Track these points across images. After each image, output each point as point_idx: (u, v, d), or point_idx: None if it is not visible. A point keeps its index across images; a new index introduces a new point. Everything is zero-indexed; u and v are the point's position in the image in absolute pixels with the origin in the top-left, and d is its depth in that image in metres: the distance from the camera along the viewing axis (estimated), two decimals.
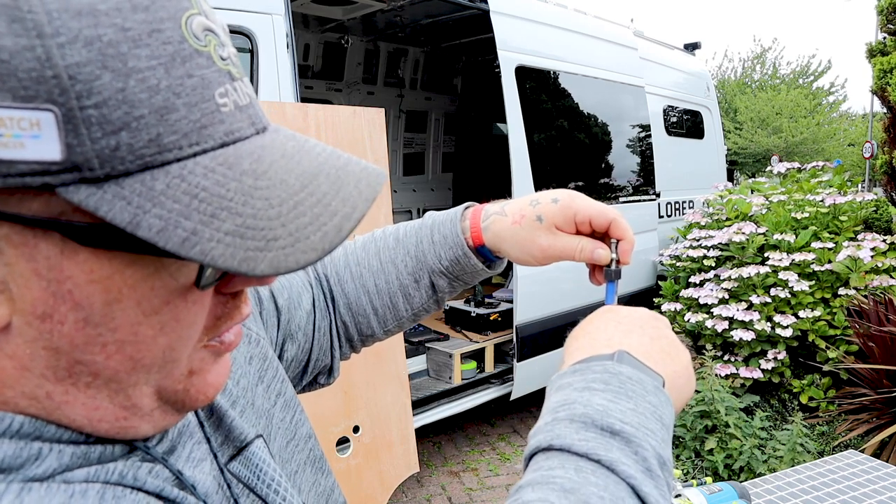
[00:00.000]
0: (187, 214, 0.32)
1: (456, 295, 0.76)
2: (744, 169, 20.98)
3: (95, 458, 0.39)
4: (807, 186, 4.34)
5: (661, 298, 4.28)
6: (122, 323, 0.35)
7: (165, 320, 0.37)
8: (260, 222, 0.33)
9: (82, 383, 0.37)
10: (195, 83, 0.33)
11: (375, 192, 0.39)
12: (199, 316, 0.39)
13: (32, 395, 0.36)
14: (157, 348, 0.37)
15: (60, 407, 0.37)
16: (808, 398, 3.57)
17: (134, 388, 0.38)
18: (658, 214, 4.93)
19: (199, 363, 0.41)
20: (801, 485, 1.47)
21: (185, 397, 0.41)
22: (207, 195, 0.33)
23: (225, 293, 0.41)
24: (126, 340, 0.36)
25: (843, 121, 23.77)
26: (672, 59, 5.84)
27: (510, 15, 3.74)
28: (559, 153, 4.07)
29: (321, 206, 0.36)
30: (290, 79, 2.64)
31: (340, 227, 0.36)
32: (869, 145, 13.32)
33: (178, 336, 0.38)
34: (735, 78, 23.83)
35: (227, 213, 0.33)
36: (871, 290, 3.51)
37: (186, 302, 0.37)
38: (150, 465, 0.42)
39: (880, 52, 6.11)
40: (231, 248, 0.32)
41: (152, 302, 0.36)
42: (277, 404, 0.59)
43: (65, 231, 0.32)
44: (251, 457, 0.51)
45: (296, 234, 0.34)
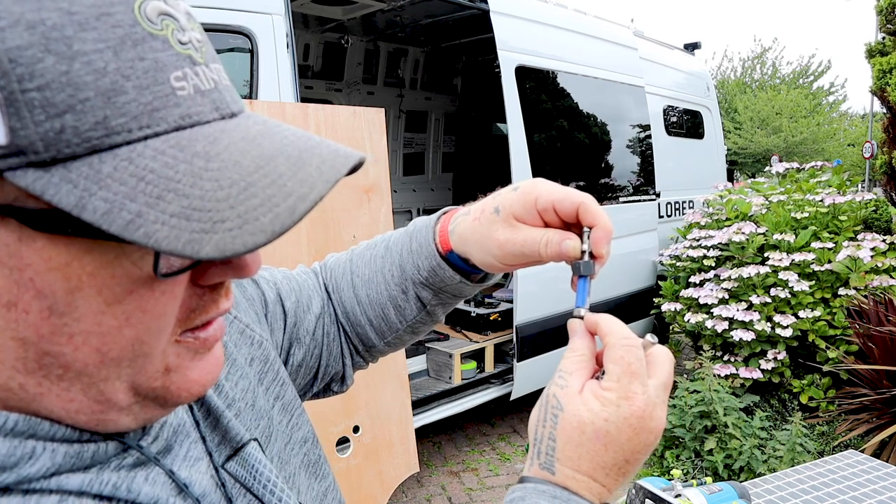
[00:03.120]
0: (133, 197, 0.31)
1: (450, 310, 0.70)
2: (744, 169, 20.98)
3: (89, 458, 0.39)
4: (806, 186, 4.34)
5: (661, 298, 4.28)
6: (86, 312, 0.35)
7: (130, 310, 0.36)
8: (207, 204, 0.32)
9: (54, 375, 0.36)
10: (147, 66, 0.33)
11: (339, 173, 0.37)
12: (168, 307, 0.37)
13: (7, 387, 0.36)
14: (125, 340, 0.36)
15: (36, 399, 0.36)
16: (808, 398, 3.57)
17: (105, 382, 0.37)
18: (658, 214, 4.93)
19: (175, 359, 0.40)
20: (801, 485, 1.47)
21: (165, 394, 0.40)
22: (154, 177, 0.32)
23: (202, 285, 0.39)
24: (91, 331, 0.35)
25: (842, 121, 23.79)
26: (672, 59, 5.84)
27: (510, 15, 3.74)
28: (559, 153, 4.07)
29: (275, 188, 0.34)
30: (290, 79, 2.64)
31: (294, 209, 0.34)
32: (869, 145, 13.33)
33: (146, 328, 0.37)
34: (735, 78, 23.83)
35: (173, 195, 0.32)
36: (871, 290, 3.51)
37: (153, 292, 0.36)
38: (144, 470, 0.42)
39: (879, 53, 6.11)
40: (175, 230, 0.31)
41: (114, 291, 0.35)
42: (275, 407, 0.59)
43: (18, 216, 0.32)
44: (247, 457, 0.51)
45: (245, 215, 0.33)
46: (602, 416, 0.47)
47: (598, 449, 0.47)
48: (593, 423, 0.47)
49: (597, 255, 0.54)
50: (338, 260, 0.75)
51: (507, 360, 4.03)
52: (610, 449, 0.47)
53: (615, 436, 0.47)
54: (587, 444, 0.47)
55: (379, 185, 2.72)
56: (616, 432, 0.47)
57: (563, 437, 0.48)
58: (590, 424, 0.47)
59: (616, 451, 0.47)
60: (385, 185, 2.78)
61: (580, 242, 0.54)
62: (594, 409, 0.47)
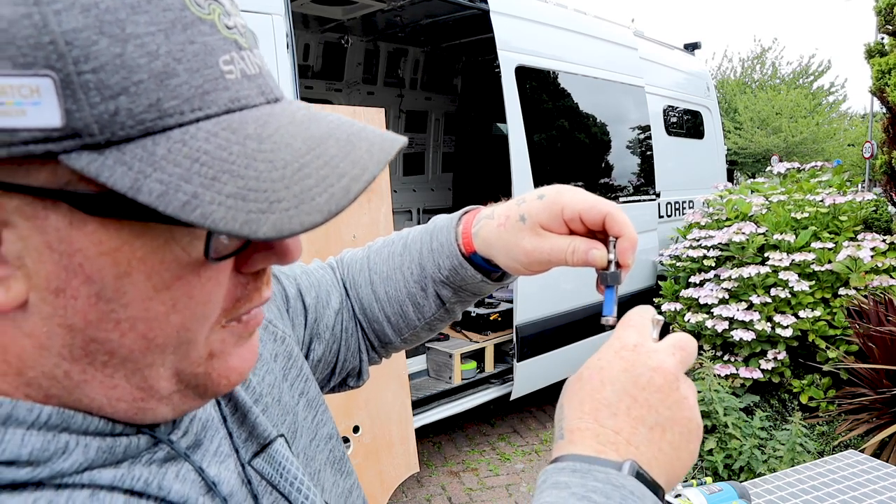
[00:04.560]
0: (188, 178, 0.31)
1: (468, 307, 0.71)
2: (744, 169, 20.98)
3: (121, 452, 0.39)
4: (806, 186, 4.34)
5: (661, 298, 4.28)
6: (134, 298, 0.35)
7: (177, 297, 0.36)
8: (263, 184, 0.33)
9: (99, 362, 0.36)
10: (197, 49, 0.33)
11: (388, 155, 0.38)
12: (214, 294, 0.38)
13: (52, 375, 0.36)
14: (171, 327, 0.37)
15: (79, 386, 0.37)
16: (808, 398, 3.57)
17: (150, 368, 0.38)
18: (658, 214, 4.93)
19: (219, 345, 0.40)
20: (801, 485, 1.47)
21: (206, 381, 0.40)
22: (209, 158, 0.32)
23: (245, 273, 0.40)
24: (138, 317, 0.36)
25: (842, 121, 23.79)
26: (672, 59, 5.84)
27: (510, 15, 3.74)
28: (559, 153, 4.07)
29: (328, 168, 0.35)
30: (290, 79, 2.64)
31: (348, 189, 0.34)
32: (869, 145, 13.33)
33: (192, 314, 0.37)
34: (735, 78, 23.83)
35: (228, 176, 0.32)
36: (871, 290, 3.51)
37: (200, 278, 0.36)
38: (175, 465, 0.42)
39: (879, 53, 6.11)
40: (232, 211, 0.32)
41: (163, 276, 0.35)
42: (300, 403, 0.59)
43: (71, 200, 0.32)
44: (274, 454, 0.51)
45: (300, 195, 0.33)
46: (595, 359, 0.48)
47: (595, 385, 0.46)
48: (588, 368, 0.48)
49: (623, 264, 0.55)
50: (354, 256, 0.75)
51: (507, 360, 4.03)
52: (607, 383, 0.46)
53: (608, 370, 0.46)
54: (585, 387, 0.47)
55: (379, 186, 2.72)
56: (608, 365, 0.46)
57: (567, 395, 0.48)
58: (585, 370, 0.48)
59: (613, 384, 0.45)
60: (385, 186, 2.79)
61: (606, 252, 0.55)
62: (590, 362, 0.48)
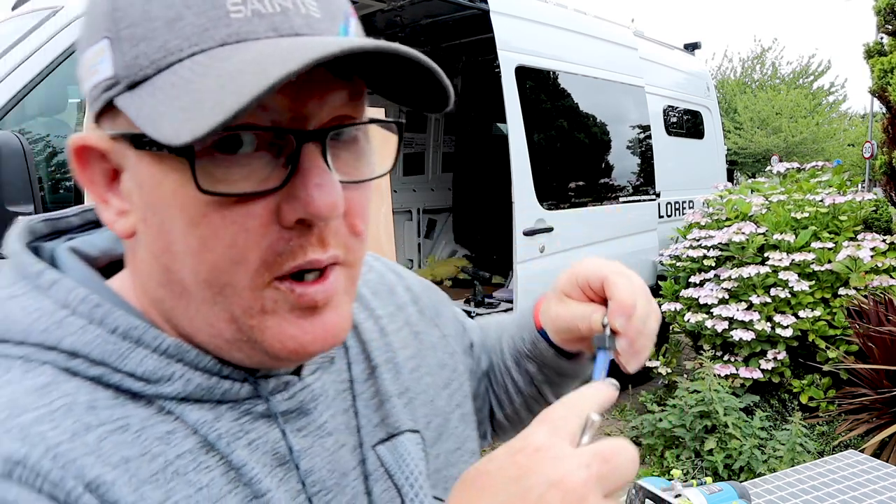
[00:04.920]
0: (166, 102, 0.36)
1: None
2: (744, 169, 20.97)
3: (219, 394, 0.43)
4: (806, 186, 4.34)
5: (661, 298, 4.28)
6: (178, 232, 0.39)
7: (206, 235, 0.38)
8: (203, 96, 0.35)
9: (175, 292, 0.41)
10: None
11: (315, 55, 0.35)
12: (240, 238, 0.39)
13: (159, 299, 0.43)
14: (207, 265, 0.39)
15: (173, 313, 0.43)
16: (808, 398, 3.57)
17: (208, 306, 0.41)
18: (658, 214, 4.92)
19: (271, 304, 0.41)
20: (801, 485, 1.47)
21: (261, 338, 0.41)
22: (181, 82, 0.36)
23: (286, 226, 0.39)
24: (184, 251, 0.39)
25: (842, 121, 23.78)
26: (672, 59, 5.84)
27: (510, 15, 3.74)
28: (559, 153, 4.07)
29: (258, 74, 0.35)
30: None
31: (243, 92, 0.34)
32: (869, 145, 13.33)
33: (223, 256, 0.39)
34: (735, 78, 23.82)
35: (184, 93, 0.36)
36: (871, 290, 3.51)
37: (224, 220, 0.38)
38: (265, 426, 0.45)
39: (878, 53, 6.11)
40: (176, 122, 0.35)
41: (191, 212, 0.38)
42: (455, 413, 0.61)
43: (130, 140, 0.39)
44: (399, 446, 0.52)
45: (215, 102, 0.34)
46: (486, 459, 0.39)
47: (474, 494, 0.38)
48: (476, 468, 0.39)
49: (612, 328, 0.53)
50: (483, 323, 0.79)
51: None
52: (487, 493, 0.37)
53: (495, 476, 0.37)
54: (466, 492, 0.38)
55: (378, 185, 2.72)
56: (496, 470, 0.38)
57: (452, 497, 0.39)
58: (471, 471, 0.39)
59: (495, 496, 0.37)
60: (385, 185, 2.79)
61: (602, 315, 0.54)
62: (482, 461, 0.39)
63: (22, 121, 2.10)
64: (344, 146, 0.42)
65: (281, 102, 0.38)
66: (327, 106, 0.40)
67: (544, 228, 3.68)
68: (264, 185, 0.38)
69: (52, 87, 2.14)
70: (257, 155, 0.39)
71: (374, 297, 0.61)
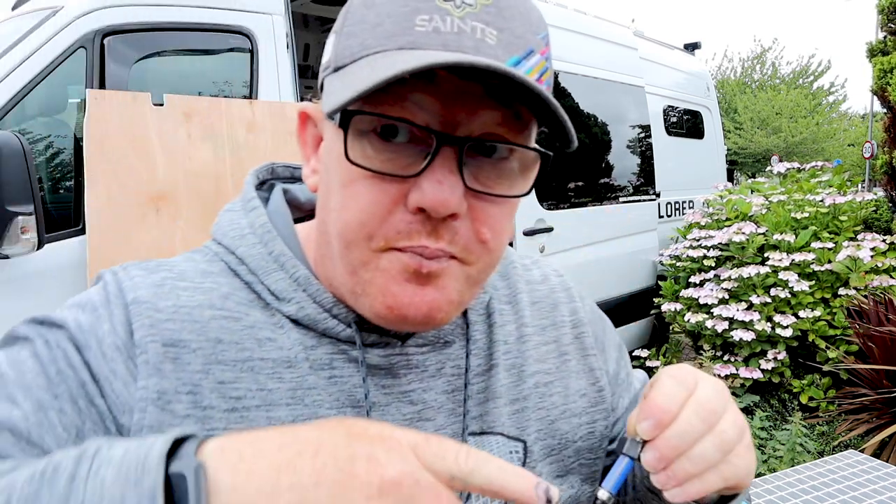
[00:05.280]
0: (343, 88, 0.44)
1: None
2: (744, 169, 20.97)
3: (323, 328, 0.51)
4: (806, 186, 4.33)
5: (661, 298, 4.28)
6: (333, 190, 0.47)
7: (348, 196, 0.46)
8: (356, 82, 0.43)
9: (325, 242, 0.50)
10: (406, 11, 0.44)
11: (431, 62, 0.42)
12: (370, 207, 0.45)
13: (319, 244, 0.52)
14: (342, 222, 0.47)
15: (323, 258, 0.52)
16: (808, 398, 3.57)
17: (341, 258, 0.48)
18: (658, 214, 4.92)
19: (386, 263, 0.46)
20: (801, 485, 1.47)
21: (370, 290, 0.47)
22: (353, 70, 0.45)
23: (409, 210, 0.45)
24: (332, 207, 0.48)
25: (842, 121, 23.77)
26: (672, 59, 5.84)
27: None
28: (559, 153, 4.07)
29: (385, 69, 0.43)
30: (290, 79, 2.64)
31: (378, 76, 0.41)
32: (869, 145, 13.32)
33: (355, 218, 0.46)
34: (735, 78, 23.81)
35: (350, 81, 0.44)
36: (871, 290, 3.51)
37: (364, 189, 0.45)
38: (351, 368, 0.51)
39: (881, 52, 6.11)
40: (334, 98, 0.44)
41: (343, 177, 0.46)
42: (579, 443, 0.62)
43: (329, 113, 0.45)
44: (485, 443, 0.55)
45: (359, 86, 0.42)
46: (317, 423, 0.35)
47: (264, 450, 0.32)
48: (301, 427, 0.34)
49: (636, 431, 0.46)
50: None
51: None
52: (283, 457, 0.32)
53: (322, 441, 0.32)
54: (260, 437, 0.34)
55: None
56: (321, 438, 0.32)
57: None
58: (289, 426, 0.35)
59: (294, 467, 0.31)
60: None
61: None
62: None
63: (22, 121, 2.10)
64: (491, 162, 0.47)
65: (433, 106, 0.44)
66: (478, 120, 0.45)
67: (544, 228, 3.68)
68: (400, 171, 0.45)
69: (52, 87, 2.14)
70: (408, 146, 0.45)
71: (530, 306, 0.63)
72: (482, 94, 0.44)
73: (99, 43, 2.18)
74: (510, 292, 0.63)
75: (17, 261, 1.91)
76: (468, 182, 0.45)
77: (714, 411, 0.45)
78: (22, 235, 1.81)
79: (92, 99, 2.06)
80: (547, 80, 0.48)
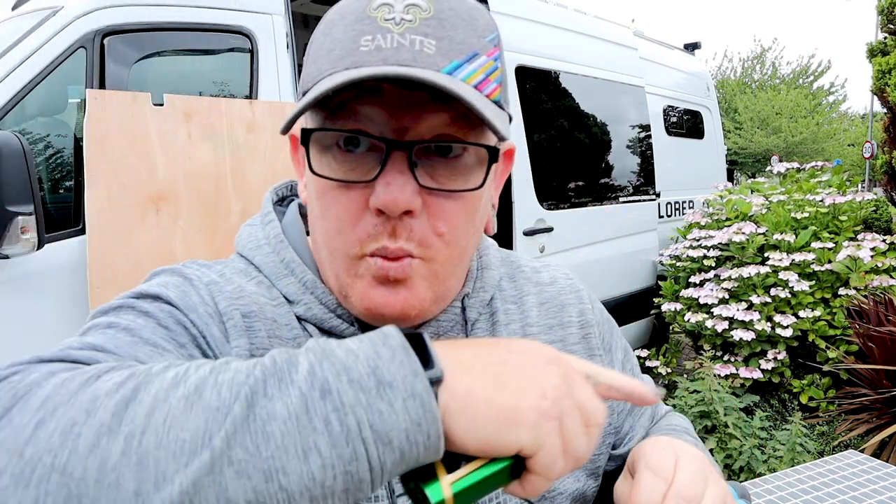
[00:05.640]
0: (301, 108, 0.48)
1: None
2: (744, 169, 20.97)
3: (329, 326, 0.56)
4: (806, 186, 4.34)
5: (661, 298, 4.28)
6: (312, 202, 0.53)
7: (324, 206, 0.51)
8: (308, 98, 0.48)
9: (316, 248, 0.56)
10: (352, 34, 0.49)
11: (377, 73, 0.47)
12: (342, 214, 0.51)
13: (314, 250, 0.58)
14: (323, 230, 0.53)
15: (319, 262, 0.57)
16: (808, 398, 3.57)
17: (328, 263, 0.54)
18: (658, 214, 4.92)
19: (362, 270, 0.52)
20: (801, 485, 1.47)
21: (351, 294, 0.53)
22: (309, 93, 0.49)
23: (374, 213, 0.50)
24: (314, 217, 0.54)
25: (842, 121, 23.78)
26: (672, 59, 5.84)
27: (510, 15, 3.74)
28: (559, 153, 4.07)
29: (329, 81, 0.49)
30: (290, 79, 2.64)
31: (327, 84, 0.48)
32: (869, 145, 13.33)
33: (332, 226, 0.51)
34: (735, 78, 23.81)
35: (300, 101, 0.49)
36: (871, 290, 3.51)
37: (334, 198, 0.51)
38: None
39: (881, 52, 6.11)
40: (289, 116, 0.49)
41: (317, 188, 0.52)
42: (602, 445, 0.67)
43: (281, 131, 0.51)
44: None
45: (310, 93, 0.49)
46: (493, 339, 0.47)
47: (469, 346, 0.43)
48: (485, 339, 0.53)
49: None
50: None
51: None
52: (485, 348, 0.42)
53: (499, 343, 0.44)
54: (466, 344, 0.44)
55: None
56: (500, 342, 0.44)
57: None
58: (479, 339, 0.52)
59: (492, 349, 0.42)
60: None
61: None
62: None
63: (22, 121, 2.10)
64: (445, 161, 0.50)
65: (380, 117, 0.48)
66: (426, 124, 0.49)
67: (544, 228, 3.68)
68: (360, 177, 0.49)
69: (52, 87, 2.14)
70: (367, 154, 0.50)
71: (538, 307, 0.67)
72: (428, 100, 0.48)
73: (99, 43, 2.18)
74: (517, 293, 0.66)
75: (17, 261, 1.91)
76: (421, 180, 0.49)
77: (693, 498, 0.48)
78: (22, 235, 1.81)
79: (92, 99, 2.06)
80: (497, 78, 0.51)
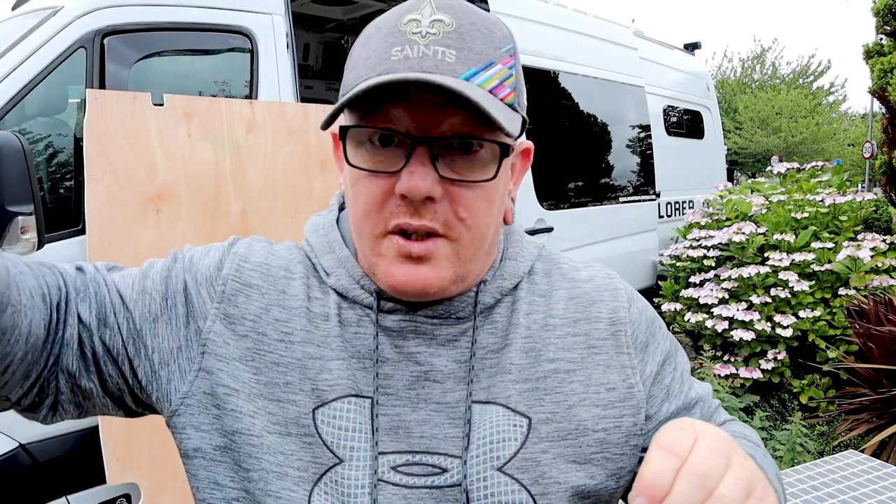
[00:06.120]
0: (338, 107, 0.56)
1: None
2: (744, 169, 20.98)
3: (352, 296, 0.64)
4: (806, 186, 4.34)
5: (661, 298, 4.28)
6: (348, 189, 0.61)
7: (357, 191, 0.59)
8: (344, 99, 0.56)
9: (351, 230, 0.64)
10: (385, 45, 0.56)
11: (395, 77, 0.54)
12: (370, 196, 0.58)
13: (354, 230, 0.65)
14: (354, 214, 0.61)
15: (355, 241, 0.64)
16: (808, 398, 3.57)
17: (358, 244, 0.63)
18: (658, 214, 4.92)
19: (385, 249, 0.59)
20: (801, 485, 1.47)
21: (376, 271, 0.60)
22: (346, 92, 0.58)
23: (398, 197, 0.57)
24: (349, 203, 0.62)
25: (842, 121, 23.78)
26: (672, 59, 5.84)
27: (510, 15, 3.74)
28: (559, 153, 4.07)
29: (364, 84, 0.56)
30: (290, 79, 2.64)
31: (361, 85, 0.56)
32: (869, 145, 13.33)
33: (362, 209, 0.59)
34: (735, 78, 23.81)
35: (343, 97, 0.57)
36: (871, 290, 3.51)
37: (365, 186, 0.58)
38: (372, 328, 0.63)
39: (878, 53, 6.11)
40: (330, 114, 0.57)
41: (351, 178, 0.60)
42: (599, 435, 0.66)
43: (321, 127, 0.60)
44: (487, 411, 0.63)
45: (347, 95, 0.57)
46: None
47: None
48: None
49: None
50: None
51: None
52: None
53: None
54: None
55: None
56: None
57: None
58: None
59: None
60: None
61: None
62: None
63: (22, 121, 2.10)
64: (463, 156, 0.58)
65: (404, 116, 0.56)
66: (447, 123, 0.56)
67: (544, 228, 3.68)
68: (388, 168, 0.57)
69: (52, 87, 2.13)
70: (396, 149, 0.57)
71: (566, 301, 0.69)
72: (446, 103, 0.55)
73: (99, 43, 2.18)
74: (548, 288, 0.70)
75: None
76: (441, 172, 0.56)
77: (710, 475, 0.43)
78: (22, 235, 1.81)
79: (92, 99, 2.06)
80: (511, 84, 0.59)
